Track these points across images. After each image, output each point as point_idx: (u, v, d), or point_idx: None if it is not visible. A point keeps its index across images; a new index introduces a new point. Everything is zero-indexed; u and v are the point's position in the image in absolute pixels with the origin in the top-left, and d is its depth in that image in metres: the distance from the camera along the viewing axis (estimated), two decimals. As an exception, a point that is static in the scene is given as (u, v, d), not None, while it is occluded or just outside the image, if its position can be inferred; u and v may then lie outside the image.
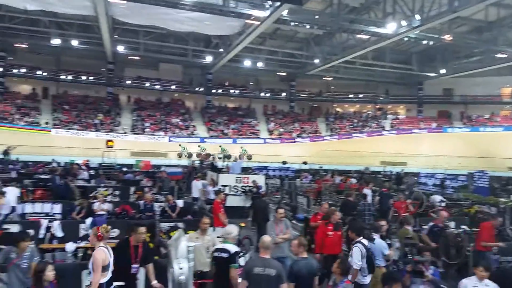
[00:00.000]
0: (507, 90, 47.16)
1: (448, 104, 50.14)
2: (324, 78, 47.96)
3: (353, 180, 20.79)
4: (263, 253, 4.94)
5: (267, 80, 49.56)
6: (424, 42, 37.62)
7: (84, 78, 43.20)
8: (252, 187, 15.03)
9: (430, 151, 40.28)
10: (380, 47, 34.38)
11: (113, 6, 28.51)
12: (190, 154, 29.79)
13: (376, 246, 6.33)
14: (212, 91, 47.81)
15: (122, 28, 35.06)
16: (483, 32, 33.93)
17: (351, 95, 51.94)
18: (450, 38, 32.71)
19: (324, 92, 51.54)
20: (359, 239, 6.01)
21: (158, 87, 45.85)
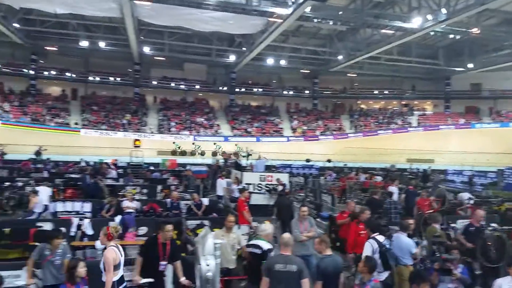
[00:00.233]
0: (539, 84, 45.33)
1: (476, 99, 48.62)
2: (348, 75, 47.39)
3: (378, 178, 20.55)
4: (283, 250, 4.98)
5: (290, 77, 49.40)
6: (451, 36, 36.62)
7: (111, 79, 44.37)
8: (276, 185, 15.04)
9: (458, 147, 39.25)
10: (405, 42, 33.61)
11: (138, 8, 29.05)
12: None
13: (403, 244, 6.27)
14: (236, 90, 48.12)
15: (148, 29, 35.71)
16: (514, 24, 32.70)
17: (376, 91, 51.23)
18: (478, 32, 31.73)
19: (348, 88, 50.91)
20: (374, 235, 6.09)
21: (183, 87, 46.53)
